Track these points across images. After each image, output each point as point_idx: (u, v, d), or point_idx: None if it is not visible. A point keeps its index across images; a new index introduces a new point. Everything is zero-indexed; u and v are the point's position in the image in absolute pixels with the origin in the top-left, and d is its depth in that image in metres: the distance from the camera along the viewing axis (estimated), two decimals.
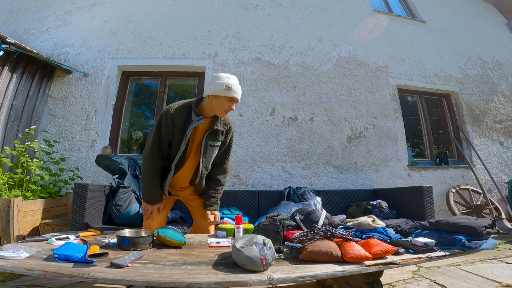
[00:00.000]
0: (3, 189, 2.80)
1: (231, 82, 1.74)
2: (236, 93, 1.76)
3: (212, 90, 1.74)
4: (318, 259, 1.33)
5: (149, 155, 1.82)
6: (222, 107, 1.76)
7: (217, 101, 1.75)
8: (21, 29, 4.29)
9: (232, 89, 1.73)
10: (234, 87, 1.74)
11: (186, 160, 1.87)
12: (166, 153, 1.86)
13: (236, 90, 1.75)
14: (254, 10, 4.62)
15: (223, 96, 1.72)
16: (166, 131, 1.78)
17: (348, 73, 4.44)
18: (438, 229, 1.72)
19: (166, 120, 1.77)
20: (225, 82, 1.72)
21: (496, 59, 5.44)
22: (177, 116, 1.77)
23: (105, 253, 1.27)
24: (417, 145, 4.87)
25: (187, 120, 1.77)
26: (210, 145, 1.85)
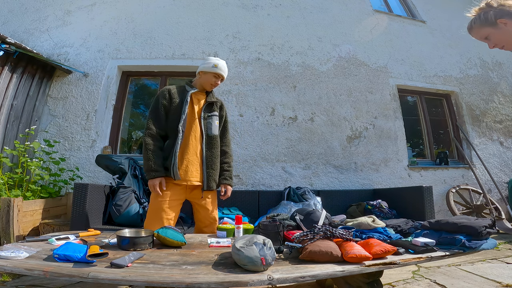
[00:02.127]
0: (3, 189, 2.80)
1: (218, 61, 2.08)
2: (222, 71, 2.08)
3: (202, 67, 2.08)
4: (318, 259, 1.33)
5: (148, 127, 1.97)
6: (209, 81, 2.08)
7: (205, 76, 2.08)
8: (21, 29, 4.29)
9: (219, 67, 2.06)
10: (221, 65, 2.07)
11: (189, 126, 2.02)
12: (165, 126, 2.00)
13: (222, 69, 2.08)
14: (254, 10, 4.62)
15: (210, 72, 2.06)
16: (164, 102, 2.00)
17: (348, 73, 4.44)
18: (438, 229, 1.72)
19: (164, 94, 2.04)
20: (213, 62, 2.07)
21: (496, 59, 5.44)
22: (173, 89, 2.07)
23: (105, 253, 1.27)
24: (417, 145, 4.87)
25: (183, 92, 2.07)
26: (208, 115, 2.09)
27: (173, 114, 1.98)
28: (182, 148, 1.96)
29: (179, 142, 1.92)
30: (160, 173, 1.90)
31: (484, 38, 1.28)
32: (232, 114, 3.97)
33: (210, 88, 2.12)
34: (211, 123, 2.08)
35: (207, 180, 2.01)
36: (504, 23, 1.17)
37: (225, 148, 2.19)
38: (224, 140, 2.21)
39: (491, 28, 1.23)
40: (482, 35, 1.27)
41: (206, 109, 2.10)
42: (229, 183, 2.12)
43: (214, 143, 2.07)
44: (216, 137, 2.09)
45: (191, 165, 1.98)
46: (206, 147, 2.03)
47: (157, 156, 1.92)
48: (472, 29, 1.30)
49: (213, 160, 2.04)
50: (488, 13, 1.22)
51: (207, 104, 2.10)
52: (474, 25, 1.28)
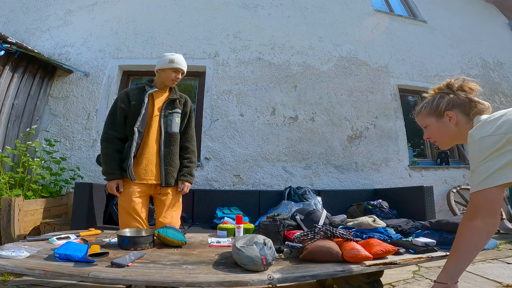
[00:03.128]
0: (4, 189, 2.80)
1: (173, 56, 2.10)
2: (179, 64, 2.09)
3: (159, 65, 2.09)
4: (318, 258, 1.32)
5: (105, 131, 2.01)
6: (169, 77, 2.08)
7: (164, 73, 2.08)
8: (22, 28, 4.29)
9: (175, 61, 2.08)
10: (177, 59, 2.09)
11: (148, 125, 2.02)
12: (124, 129, 2.01)
13: (179, 62, 2.10)
14: (254, 9, 4.61)
15: (167, 68, 2.06)
16: (122, 105, 2.01)
17: (349, 73, 4.44)
18: (438, 229, 1.72)
19: (122, 97, 2.05)
20: (168, 57, 2.08)
21: (497, 59, 5.43)
22: (131, 91, 2.08)
23: (106, 253, 1.27)
24: (418, 145, 4.86)
25: (142, 92, 2.05)
26: (169, 112, 2.08)
27: (132, 116, 1.98)
28: (141, 148, 1.98)
29: (135, 143, 1.93)
30: (115, 175, 1.93)
31: (424, 126, 1.20)
32: (233, 113, 3.97)
33: (171, 83, 2.12)
34: (172, 120, 2.07)
35: (165, 177, 2.00)
36: (450, 117, 1.08)
37: (187, 143, 2.16)
38: (186, 135, 2.18)
39: (434, 119, 1.14)
40: (424, 123, 1.20)
41: (167, 106, 2.09)
42: (187, 179, 2.07)
43: (173, 140, 2.06)
44: (175, 134, 2.07)
45: (151, 164, 1.99)
46: (164, 144, 2.02)
47: (113, 159, 1.95)
48: (419, 113, 1.20)
49: (171, 157, 2.03)
50: (442, 99, 1.12)
51: (168, 101, 2.09)
52: (423, 110, 1.18)
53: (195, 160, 2.18)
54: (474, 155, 0.90)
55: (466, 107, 1.08)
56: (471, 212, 0.89)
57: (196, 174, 3.71)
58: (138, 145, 1.96)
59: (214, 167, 3.76)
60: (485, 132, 0.89)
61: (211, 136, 3.86)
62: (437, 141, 1.18)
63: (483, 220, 0.85)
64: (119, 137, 2.00)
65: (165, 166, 2.01)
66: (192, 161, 2.14)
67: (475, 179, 0.88)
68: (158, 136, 2.03)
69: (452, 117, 1.08)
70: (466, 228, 0.89)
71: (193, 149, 2.18)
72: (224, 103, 3.99)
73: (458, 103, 1.09)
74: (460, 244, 0.90)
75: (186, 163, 2.11)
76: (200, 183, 3.69)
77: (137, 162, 1.96)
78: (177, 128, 2.09)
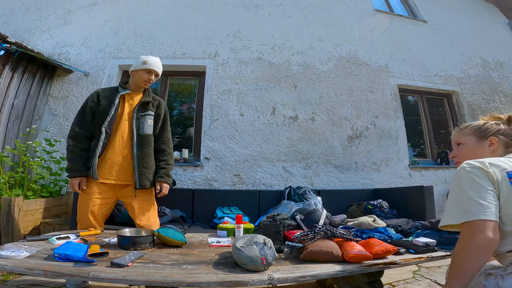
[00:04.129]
0: (4, 189, 2.80)
1: (147, 58, 2.12)
2: (152, 66, 2.10)
3: (132, 67, 2.13)
4: (318, 258, 1.32)
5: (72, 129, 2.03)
6: (142, 78, 2.09)
7: (137, 75, 2.10)
8: (22, 28, 4.29)
9: (148, 62, 2.09)
10: (151, 61, 2.11)
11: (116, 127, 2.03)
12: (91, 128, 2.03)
13: (152, 63, 2.10)
14: (254, 9, 4.61)
15: (140, 69, 2.09)
16: (91, 105, 2.04)
17: (349, 72, 4.44)
18: (439, 229, 1.72)
19: (92, 96, 2.08)
20: (142, 59, 2.11)
21: (497, 59, 5.43)
22: (103, 91, 2.12)
23: (106, 253, 1.27)
24: (418, 144, 4.86)
25: (114, 93, 2.08)
26: (141, 114, 2.09)
27: (100, 116, 2.00)
28: (107, 148, 1.99)
29: (101, 143, 1.95)
30: (78, 173, 1.95)
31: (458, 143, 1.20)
32: (233, 113, 3.96)
33: (145, 85, 2.13)
34: (144, 122, 2.07)
35: (139, 178, 2.00)
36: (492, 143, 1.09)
37: (163, 146, 2.17)
38: (162, 138, 2.19)
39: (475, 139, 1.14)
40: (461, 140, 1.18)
41: (140, 108, 2.10)
42: (165, 181, 2.08)
43: (146, 142, 2.06)
44: (148, 136, 2.08)
45: (116, 165, 2.00)
46: (137, 146, 2.03)
47: (77, 157, 1.97)
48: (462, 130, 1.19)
49: (145, 159, 2.04)
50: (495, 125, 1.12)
51: (141, 104, 2.10)
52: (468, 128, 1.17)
53: (172, 162, 2.19)
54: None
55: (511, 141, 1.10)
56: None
57: (196, 174, 3.71)
58: (104, 145, 1.97)
59: (214, 167, 3.76)
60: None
61: (211, 136, 3.86)
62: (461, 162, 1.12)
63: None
64: (86, 136, 2.03)
65: (138, 168, 2.01)
66: (169, 163, 2.15)
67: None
68: (130, 138, 2.05)
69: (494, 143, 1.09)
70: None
71: (170, 151, 2.20)
72: (224, 103, 3.99)
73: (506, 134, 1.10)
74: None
75: (163, 165, 2.12)
76: (200, 183, 3.69)
77: (102, 162, 1.98)
78: (150, 130, 2.10)
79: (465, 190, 0.92)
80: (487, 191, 0.89)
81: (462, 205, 0.91)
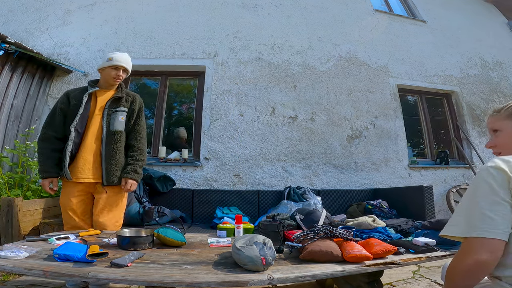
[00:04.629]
0: (4, 189, 2.80)
1: (113, 54, 2.10)
2: (118, 61, 2.08)
3: (99, 65, 2.13)
4: (318, 258, 1.32)
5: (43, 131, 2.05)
6: (110, 75, 2.08)
7: (104, 72, 2.09)
8: (21, 28, 4.28)
9: (114, 58, 2.07)
10: (116, 57, 2.09)
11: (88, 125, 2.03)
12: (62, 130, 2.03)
13: (119, 59, 2.09)
14: (254, 9, 4.61)
15: (106, 66, 2.07)
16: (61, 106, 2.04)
17: (348, 72, 4.44)
18: (438, 229, 1.71)
19: (62, 98, 2.09)
20: (108, 56, 2.10)
21: (496, 59, 5.44)
22: (72, 92, 2.11)
23: (105, 253, 1.27)
24: (418, 144, 4.87)
25: (83, 92, 2.07)
26: (113, 110, 2.07)
27: (70, 116, 2.00)
28: (80, 147, 2.00)
29: (71, 143, 1.95)
30: (49, 173, 1.97)
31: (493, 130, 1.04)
32: (232, 113, 3.96)
33: (114, 81, 2.11)
34: (115, 118, 2.06)
35: (106, 175, 1.99)
36: None
37: (134, 141, 2.14)
38: (133, 133, 2.15)
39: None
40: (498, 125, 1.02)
41: (111, 105, 2.08)
42: (131, 177, 2.03)
43: (115, 138, 2.04)
44: (118, 132, 2.05)
45: (88, 163, 2.00)
46: (105, 143, 2.02)
47: (47, 158, 1.98)
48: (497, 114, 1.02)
49: (112, 155, 2.01)
50: None
51: (112, 100, 2.08)
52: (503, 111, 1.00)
53: (142, 158, 2.14)
54: None
55: None
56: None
57: (196, 174, 3.71)
58: (76, 145, 1.97)
59: (213, 167, 3.76)
60: None
61: (211, 136, 3.86)
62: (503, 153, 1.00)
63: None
64: (57, 137, 2.03)
65: (105, 165, 2.00)
66: (138, 159, 2.10)
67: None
68: (100, 135, 2.03)
69: None
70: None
71: (140, 147, 2.14)
72: (224, 103, 3.99)
73: None
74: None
75: (131, 161, 2.08)
76: (200, 183, 3.69)
77: (75, 162, 1.98)
78: (121, 127, 2.08)
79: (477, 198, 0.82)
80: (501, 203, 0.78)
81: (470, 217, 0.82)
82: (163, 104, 4.15)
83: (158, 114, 4.11)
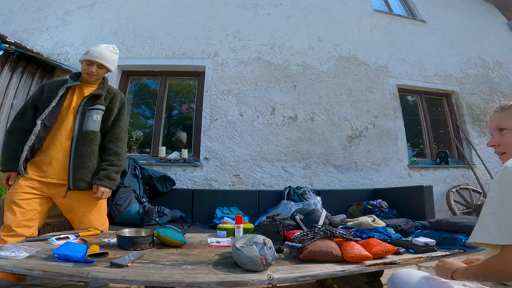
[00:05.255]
0: (3, 189, 2.79)
1: (91, 48, 1.95)
2: (93, 56, 1.92)
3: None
4: (318, 258, 1.32)
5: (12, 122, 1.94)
6: (85, 70, 1.94)
7: (82, 67, 1.96)
8: (21, 28, 4.28)
9: (89, 53, 1.93)
10: (92, 51, 1.93)
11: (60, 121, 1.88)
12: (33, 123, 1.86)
13: (94, 54, 1.93)
14: (254, 9, 4.61)
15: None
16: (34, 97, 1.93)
17: (348, 72, 4.44)
18: (438, 229, 1.72)
19: (38, 89, 1.97)
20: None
21: (496, 59, 5.44)
22: (49, 83, 1.99)
23: (105, 253, 1.27)
24: (417, 144, 4.87)
25: (61, 85, 1.94)
26: (88, 108, 1.92)
27: (42, 109, 1.87)
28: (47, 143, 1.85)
29: (33, 137, 1.80)
30: (8, 167, 1.84)
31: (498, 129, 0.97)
32: (232, 113, 3.96)
33: (88, 77, 1.96)
34: (89, 117, 1.89)
35: (72, 179, 1.83)
36: None
37: (110, 144, 1.96)
38: (111, 135, 1.98)
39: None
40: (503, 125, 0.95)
41: (88, 102, 1.93)
42: (102, 184, 1.85)
43: (87, 139, 1.87)
44: (91, 133, 1.89)
45: (56, 162, 1.84)
46: (76, 143, 1.86)
47: (10, 151, 1.85)
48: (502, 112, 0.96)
49: (82, 158, 1.85)
50: None
51: (89, 97, 1.93)
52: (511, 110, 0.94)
53: (119, 163, 1.96)
54: None
55: None
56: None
57: (196, 174, 3.71)
58: (40, 139, 1.82)
59: (213, 167, 3.76)
60: None
61: (211, 136, 3.86)
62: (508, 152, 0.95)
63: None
64: (25, 129, 1.87)
65: (73, 167, 1.84)
66: (113, 164, 1.92)
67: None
68: (71, 134, 1.88)
69: None
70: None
71: (117, 151, 1.96)
72: (224, 103, 3.99)
73: None
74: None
75: (105, 166, 1.91)
76: (200, 183, 3.69)
77: (37, 158, 1.85)
78: (96, 127, 1.92)
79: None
80: None
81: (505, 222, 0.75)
82: (163, 104, 4.15)
83: (158, 114, 4.11)
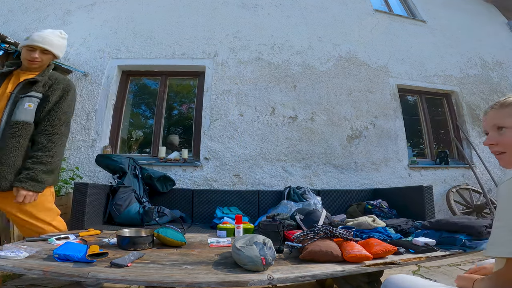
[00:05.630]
0: None
1: (31, 33, 1.80)
2: (34, 41, 1.76)
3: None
4: (318, 258, 1.32)
5: None
6: (26, 57, 1.77)
7: (23, 54, 1.79)
8: (21, 28, 4.28)
9: (30, 38, 1.77)
10: (34, 36, 1.78)
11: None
12: None
13: (35, 38, 1.77)
14: (254, 9, 4.61)
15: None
16: None
17: (348, 72, 4.44)
18: (438, 229, 1.72)
19: None
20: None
21: (496, 59, 5.44)
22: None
23: (105, 253, 1.27)
24: (417, 144, 4.87)
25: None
26: (21, 96, 1.68)
27: None
28: None
29: None
30: None
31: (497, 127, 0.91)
32: (232, 113, 3.96)
33: (29, 64, 1.77)
34: (19, 105, 1.65)
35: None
36: None
37: (40, 137, 1.68)
38: (43, 126, 1.70)
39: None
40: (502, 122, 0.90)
41: (22, 89, 1.70)
42: (23, 186, 1.58)
43: (15, 131, 1.62)
44: (20, 123, 1.63)
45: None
46: (1, 136, 1.61)
47: None
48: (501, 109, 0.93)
49: (6, 153, 1.60)
50: None
51: (24, 84, 1.71)
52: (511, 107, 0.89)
53: (50, 161, 1.68)
54: None
55: None
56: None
57: (196, 174, 3.71)
58: None
59: (213, 167, 3.76)
60: None
61: (211, 136, 3.86)
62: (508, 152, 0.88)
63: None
64: None
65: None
66: (41, 161, 1.65)
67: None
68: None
69: None
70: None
71: (48, 146, 1.68)
72: (224, 103, 3.99)
73: None
74: None
75: (29, 164, 1.63)
76: (200, 183, 3.69)
77: None
78: (27, 117, 1.65)
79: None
80: None
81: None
82: (163, 104, 4.15)
83: (158, 114, 4.12)
